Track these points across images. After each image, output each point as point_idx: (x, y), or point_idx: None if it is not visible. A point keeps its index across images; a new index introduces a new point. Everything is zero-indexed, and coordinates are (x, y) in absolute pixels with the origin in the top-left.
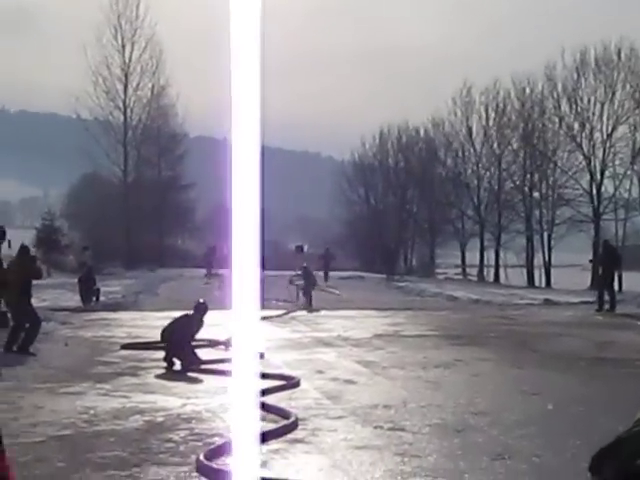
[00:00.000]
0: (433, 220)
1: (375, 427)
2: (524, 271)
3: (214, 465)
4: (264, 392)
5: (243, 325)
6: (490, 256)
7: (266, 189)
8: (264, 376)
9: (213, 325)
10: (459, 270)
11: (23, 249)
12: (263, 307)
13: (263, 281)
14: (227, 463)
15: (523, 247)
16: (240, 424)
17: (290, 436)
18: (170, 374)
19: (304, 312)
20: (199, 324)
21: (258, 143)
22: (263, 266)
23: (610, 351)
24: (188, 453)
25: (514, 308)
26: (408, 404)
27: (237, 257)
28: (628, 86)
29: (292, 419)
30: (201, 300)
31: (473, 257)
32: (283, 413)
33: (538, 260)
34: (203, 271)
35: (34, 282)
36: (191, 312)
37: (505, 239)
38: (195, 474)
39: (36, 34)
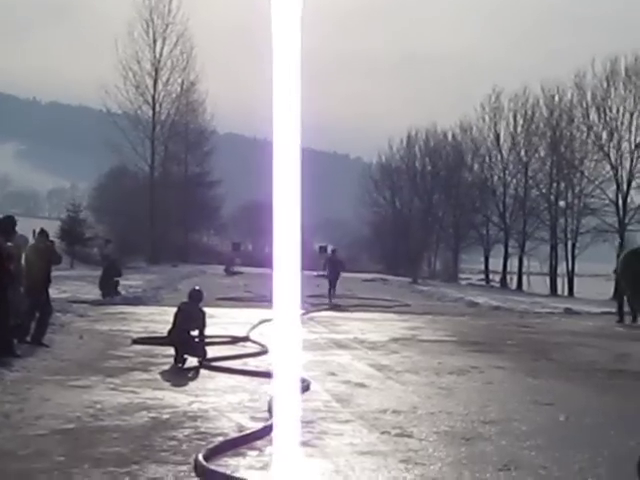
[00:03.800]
0: (458, 225)
1: (382, 432)
2: (547, 279)
3: (211, 466)
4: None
5: (283, 325)
6: (514, 263)
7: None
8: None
9: (239, 323)
10: (482, 276)
11: (42, 233)
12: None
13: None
14: (226, 464)
15: (547, 255)
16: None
17: (295, 439)
18: (181, 371)
19: (323, 313)
20: (201, 314)
21: (299, 144)
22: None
23: (628, 363)
24: (190, 452)
25: (534, 316)
26: (418, 410)
27: (278, 256)
28: None
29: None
30: (196, 287)
31: (497, 263)
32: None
33: (562, 269)
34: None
35: (53, 269)
36: (186, 300)
37: (529, 247)
38: (194, 474)
39: (68, 26)
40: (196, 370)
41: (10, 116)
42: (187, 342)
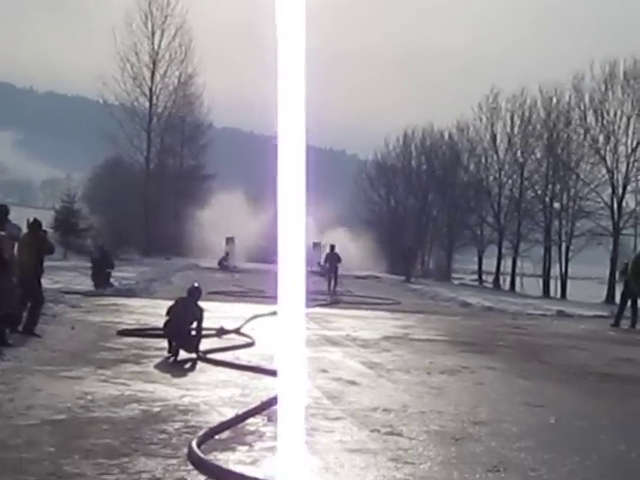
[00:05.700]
0: (452, 225)
1: (372, 430)
2: (540, 281)
3: (206, 457)
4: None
5: (285, 321)
6: (507, 264)
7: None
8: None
9: (231, 317)
10: (475, 276)
11: (35, 223)
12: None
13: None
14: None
15: (541, 257)
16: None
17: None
18: (173, 364)
19: (318, 309)
20: (199, 311)
21: (304, 141)
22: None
23: (620, 367)
24: (180, 446)
25: (527, 318)
26: (408, 409)
27: (283, 253)
28: None
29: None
30: (195, 284)
31: (490, 264)
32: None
33: (555, 271)
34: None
35: (46, 260)
36: (185, 296)
37: (523, 248)
38: (184, 467)
39: (66, 16)
40: (190, 363)
41: (6, 104)
42: (182, 336)
